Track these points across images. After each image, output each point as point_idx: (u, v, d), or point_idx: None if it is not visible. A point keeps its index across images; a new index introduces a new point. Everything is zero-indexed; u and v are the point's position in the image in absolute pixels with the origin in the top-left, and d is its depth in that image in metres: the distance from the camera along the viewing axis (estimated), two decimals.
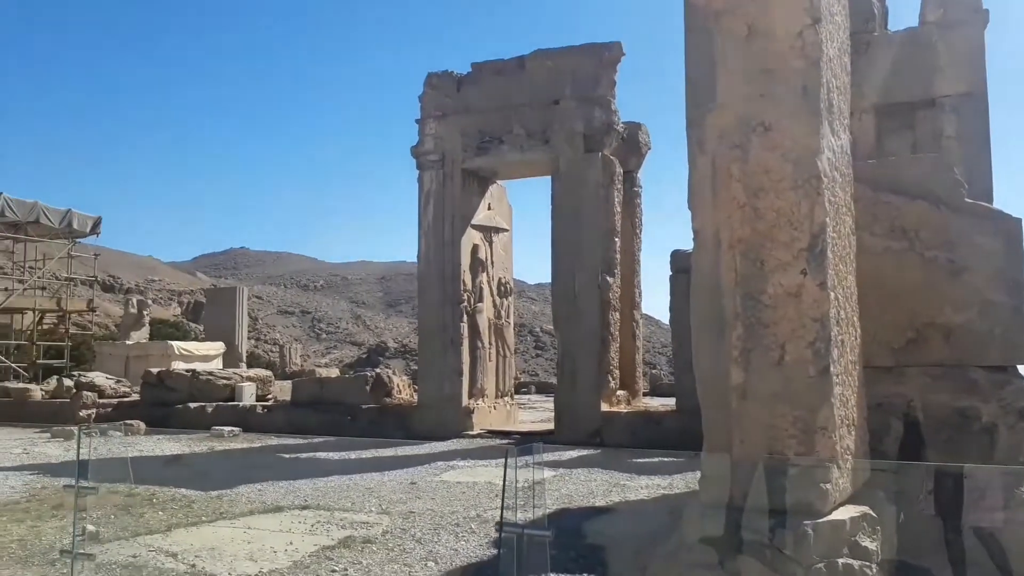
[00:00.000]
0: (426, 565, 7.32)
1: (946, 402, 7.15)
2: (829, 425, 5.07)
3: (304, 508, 9.93)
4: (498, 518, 5.02)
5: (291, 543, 8.11)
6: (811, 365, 5.13)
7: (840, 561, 4.76)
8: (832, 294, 5.29)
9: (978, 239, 7.46)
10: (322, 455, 15.34)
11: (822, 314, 5.17)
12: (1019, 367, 7.41)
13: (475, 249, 19.97)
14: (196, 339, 39.02)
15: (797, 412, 5.10)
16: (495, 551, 6.58)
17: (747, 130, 5.52)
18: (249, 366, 31.51)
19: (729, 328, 5.37)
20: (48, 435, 18.74)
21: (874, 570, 4.86)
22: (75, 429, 11.22)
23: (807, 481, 4.96)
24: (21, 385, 26.58)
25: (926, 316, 7.41)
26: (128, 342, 31.68)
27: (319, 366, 48.18)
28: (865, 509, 5.22)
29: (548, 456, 14.46)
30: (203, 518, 9.38)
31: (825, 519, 4.91)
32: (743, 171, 5.50)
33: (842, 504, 5.21)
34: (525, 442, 15.18)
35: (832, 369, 5.16)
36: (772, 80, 5.50)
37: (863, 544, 4.96)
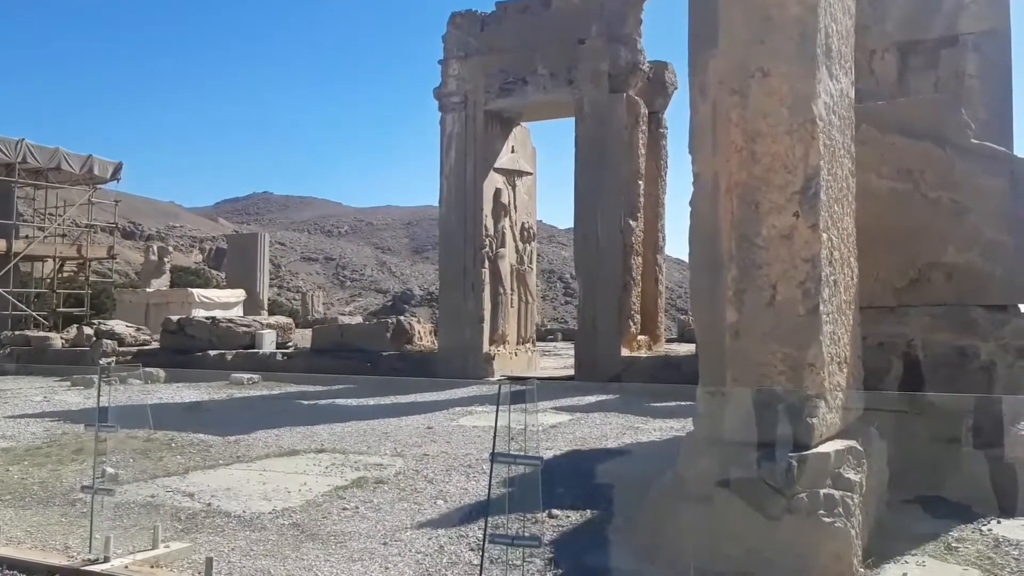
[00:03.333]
0: (435, 503, 7.53)
1: (946, 341, 7.28)
2: (817, 362, 5.22)
3: (320, 452, 10.17)
4: (500, 453, 5.18)
5: (305, 484, 8.35)
6: (801, 304, 5.27)
7: (822, 492, 4.92)
8: (825, 235, 5.41)
9: (982, 179, 7.53)
10: (341, 401, 15.59)
11: (813, 255, 5.29)
12: (1020, 306, 7.49)
13: (497, 193, 19.93)
14: (218, 286, 39.36)
15: (787, 350, 5.25)
16: (504, 490, 6.74)
17: (746, 76, 5.62)
18: (271, 314, 31.83)
19: (725, 270, 5.51)
20: (68, 383, 19.10)
21: (856, 500, 5.01)
22: (97, 372, 11.27)
23: (794, 415, 5.13)
24: (41, 333, 26.92)
25: (929, 256, 7.51)
26: (149, 290, 31.98)
27: (343, 314, 48.46)
28: (851, 443, 5.39)
29: (566, 401, 14.68)
30: (220, 461, 9.64)
31: (810, 452, 5.07)
32: (742, 116, 5.60)
33: (830, 438, 5.37)
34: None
35: (822, 308, 5.29)
36: (771, 26, 5.57)
37: (847, 476, 5.11)
